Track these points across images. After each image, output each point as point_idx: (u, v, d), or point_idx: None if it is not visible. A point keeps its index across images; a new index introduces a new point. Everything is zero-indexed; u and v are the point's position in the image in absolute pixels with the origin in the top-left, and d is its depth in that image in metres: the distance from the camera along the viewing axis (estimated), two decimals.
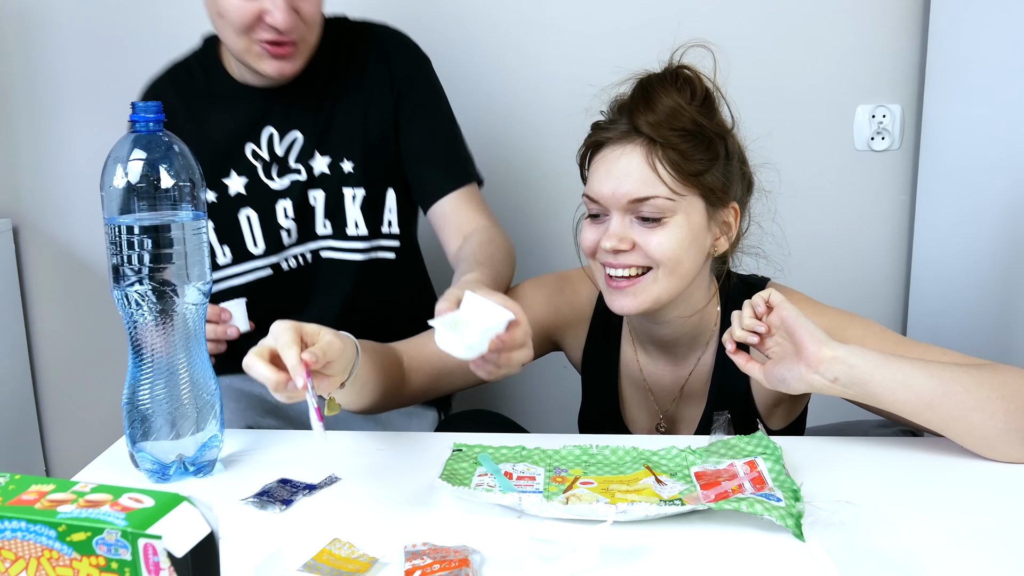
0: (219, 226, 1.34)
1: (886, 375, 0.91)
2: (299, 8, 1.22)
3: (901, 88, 1.78)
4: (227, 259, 1.36)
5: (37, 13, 1.78)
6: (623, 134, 1.03)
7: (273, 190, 1.33)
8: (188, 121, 1.32)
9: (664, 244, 1.02)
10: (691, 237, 1.03)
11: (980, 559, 0.77)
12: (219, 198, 1.33)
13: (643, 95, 1.03)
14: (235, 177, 1.33)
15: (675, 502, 0.86)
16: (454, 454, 0.99)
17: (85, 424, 1.92)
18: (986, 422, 0.92)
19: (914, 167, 1.80)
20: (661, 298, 1.05)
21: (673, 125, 1.01)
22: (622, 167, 1.02)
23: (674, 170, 1.01)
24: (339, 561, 0.77)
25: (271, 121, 1.33)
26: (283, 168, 1.33)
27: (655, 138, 1.01)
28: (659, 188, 1.01)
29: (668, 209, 1.02)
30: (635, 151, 1.02)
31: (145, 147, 0.93)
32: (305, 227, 1.35)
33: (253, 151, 1.33)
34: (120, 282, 0.93)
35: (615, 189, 1.02)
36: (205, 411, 0.97)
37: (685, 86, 1.04)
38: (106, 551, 0.56)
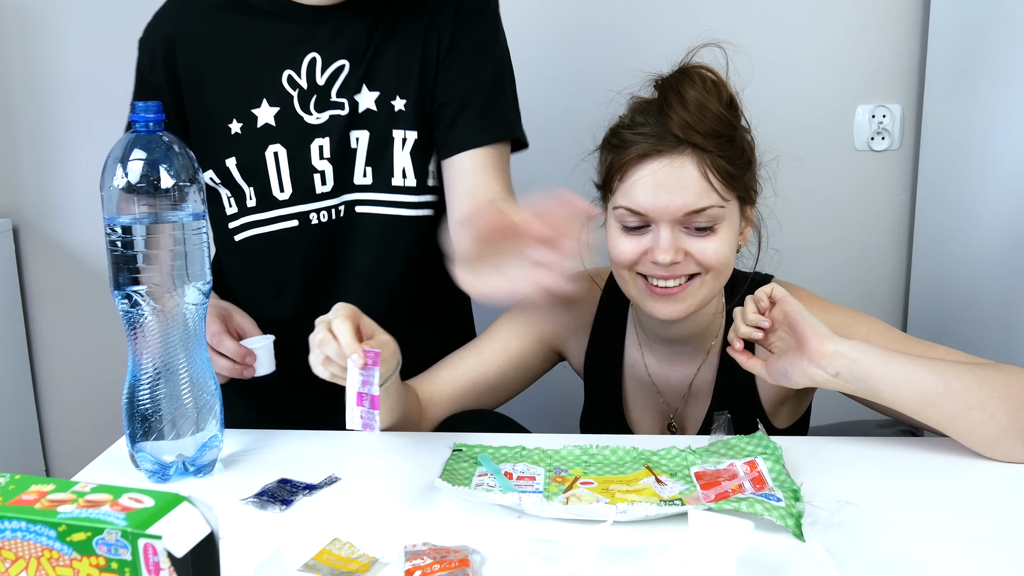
0: (243, 163, 1.17)
1: (888, 371, 0.92)
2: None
3: (901, 88, 1.78)
4: (253, 203, 1.18)
5: (38, 13, 1.78)
6: (670, 145, 1.01)
7: (309, 124, 1.15)
8: (214, 40, 1.16)
9: (719, 251, 1.03)
10: (734, 238, 1.06)
11: (980, 559, 0.77)
12: (244, 129, 1.16)
13: (680, 102, 1.02)
14: (266, 106, 1.15)
15: (675, 502, 0.86)
16: (454, 454, 0.99)
17: (85, 424, 1.92)
18: (987, 421, 0.92)
19: (914, 167, 1.80)
20: (706, 300, 1.06)
21: (719, 133, 1.01)
22: (675, 179, 1.00)
23: (724, 177, 1.01)
24: (339, 561, 0.77)
25: (315, 46, 1.14)
26: (322, 101, 1.15)
27: (704, 147, 1.00)
28: (713, 197, 1.01)
29: (720, 216, 1.02)
30: (686, 162, 1.00)
31: (145, 147, 0.93)
32: (342, 173, 1.17)
33: (290, 77, 1.15)
34: (120, 282, 0.93)
35: (669, 202, 1.00)
36: (205, 411, 0.97)
37: (714, 88, 1.04)
38: (106, 551, 0.56)
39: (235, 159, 1.17)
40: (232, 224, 1.22)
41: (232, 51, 1.16)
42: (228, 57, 1.16)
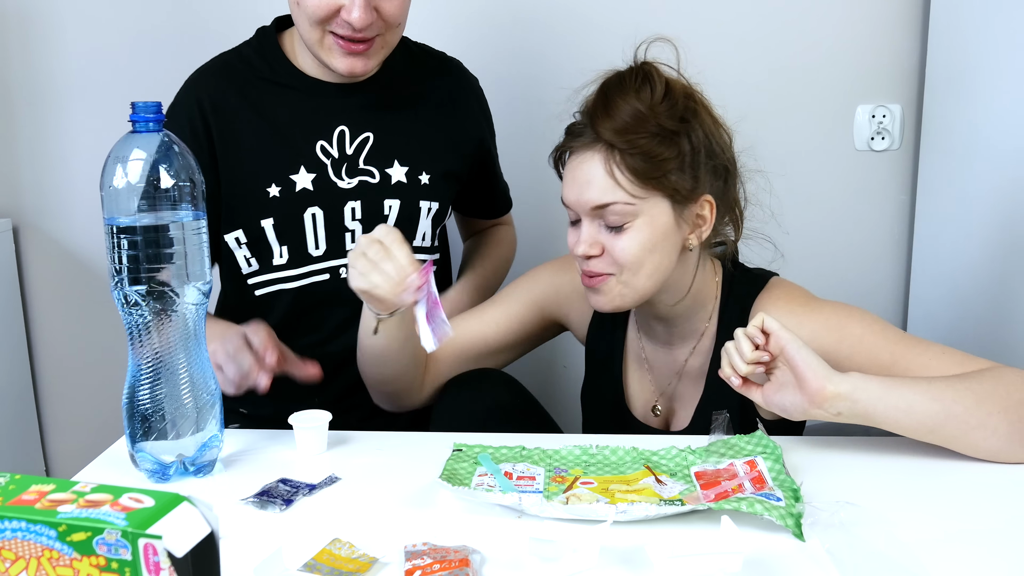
0: (280, 224, 1.27)
1: (888, 404, 0.92)
2: (380, 7, 1.17)
3: (901, 88, 1.78)
4: (283, 260, 1.28)
5: (37, 13, 1.78)
6: (587, 142, 1.04)
7: (341, 189, 1.28)
8: (249, 111, 1.27)
9: (627, 249, 1.04)
10: (656, 238, 1.04)
11: (980, 559, 0.77)
12: (282, 193, 1.26)
13: (602, 101, 1.04)
14: (303, 173, 1.27)
15: (675, 502, 0.86)
16: (454, 454, 0.99)
17: (85, 424, 1.92)
18: (989, 438, 0.93)
19: (914, 167, 1.80)
20: (632, 297, 1.07)
21: (632, 130, 1.02)
22: (583, 174, 1.04)
23: (632, 175, 1.02)
24: (339, 561, 0.77)
25: (344, 119, 1.28)
26: (352, 168, 1.28)
27: (615, 144, 1.02)
28: (618, 194, 1.02)
29: (629, 213, 1.03)
30: (594, 158, 1.03)
31: (145, 147, 0.93)
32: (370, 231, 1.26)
33: (323, 147, 1.27)
34: (120, 282, 0.93)
35: (578, 196, 1.05)
36: (205, 411, 0.97)
37: (644, 85, 1.04)
38: (106, 551, 0.56)
39: (272, 220, 1.27)
40: (252, 280, 1.31)
41: (269, 122, 1.27)
42: (266, 127, 1.27)
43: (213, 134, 1.27)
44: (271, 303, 1.31)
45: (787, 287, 1.13)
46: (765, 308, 1.09)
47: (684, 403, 1.18)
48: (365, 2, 1.15)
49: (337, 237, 1.29)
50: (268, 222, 1.26)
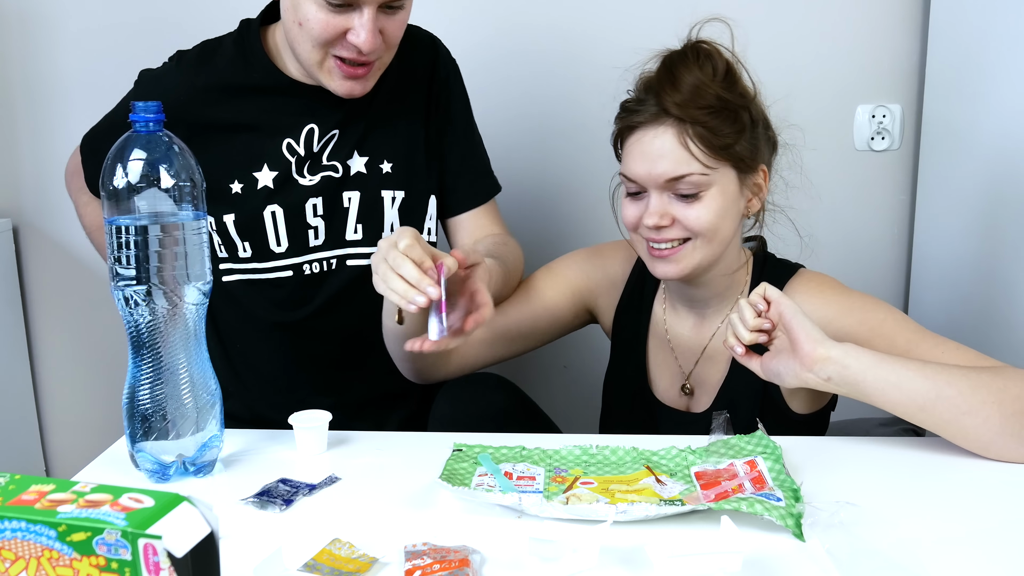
0: (241, 221, 1.26)
1: (879, 376, 0.93)
2: (384, 29, 1.16)
3: (901, 88, 1.78)
4: (247, 253, 1.28)
5: (37, 12, 1.78)
6: (653, 116, 1.07)
7: (303, 186, 1.26)
8: (221, 106, 1.25)
9: (703, 217, 1.07)
10: (726, 206, 1.08)
11: (980, 559, 0.77)
12: (244, 190, 1.25)
13: (668, 75, 1.08)
14: (266, 171, 1.25)
15: (675, 502, 0.86)
16: (454, 454, 0.99)
17: (85, 424, 1.92)
18: (980, 426, 0.93)
19: (914, 167, 1.80)
20: (702, 264, 1.10)
21: (699, 103, 1.05)
22: (656, 148, 1.07)
23: (705, 146, 1.05)
24: (339, 561, 0.77)
25: (314, 118, 1.26)
26: (316, 165, 1.26)
27: (683, 118, 1.05)
28: (693, 165, 1.06)
29: (703, 183, 1.06)
30: (666, 132, 1.06)
31: (145, 147, 0.93)
32: (334, 230, 1.28)
33: (289, 145, 1.26)
34: (120, 282, 0.93)
35: (651, 170, 1.07)
36: (205, 411, 0.97)
37: (706, 62, 1.09)
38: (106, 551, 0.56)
39: (234, 216, 1.26)
40: (221, 266, 1.29)
41: (239, 119, 1.26)
42: (233, 130, 1.25)
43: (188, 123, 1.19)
44: (240, 290, 1.29)
45: (818, 275, 1.17)
46: (795, 290, 1.12)
47: (707, 383, 1.20)
48: (373, 25, 1.13)
49: (300, 235, 1.27)
50: (230, 217, 1.25)
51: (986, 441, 0.93)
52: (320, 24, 1.13)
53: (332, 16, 1.13)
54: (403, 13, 1.19)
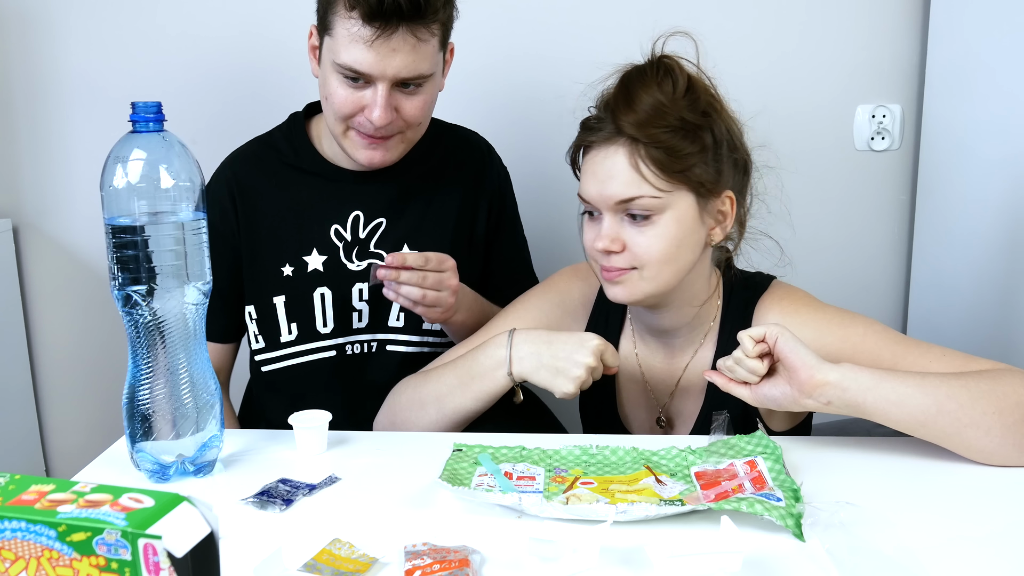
0: (291, 302, 1.33)
1: (879, 396, 0.93)
2: (401, 107, 1.22)
3: (901, 88, 1.78)
4: (291, 336, 1.34)
5: (37, 12, 1.78)
6: (608, 135, 1.02)
7: (350, 271, 1.33)
8: (273, 194, 1.33)
9: (653, 246, 1.03)
10: (682, 233, 1.03)
11: (980, 560, 0.77)
12: (295, 273, 1.32)
13: (624, 94, 1.03)
14: (315, 255, 1.33)
15: (675, 502, 0.86)
16: (454, 454, 0.99)
17: (85, 424, 1.92)
18: (981, 438, 0.93)
19: (914, 167, 1.80)
20: (653, 292, 1.06)
21: (656, 123, 1.00)
22: (606, 169, 1.02)
23: (658, 169, 1.00)
24: (339, 561, 0.77)
25: (359, 205, 1.33)
26: (363, 251, 1.34)
27: (638, 137, 1.00)
28: (644, 188, 1.01)
29: (656, 207, 1.02)
30: (618, 152, 1.02)
31: (145, 147, 0.93)
32: (378, 314, 1.35)
33: (336, 231, 1.33)
34: (120, 282, 0.93)
35: (601, 191, 1.03)
36: (205, 411, 0.97)
37: (666, 78, 1.03)
38: (106, 551, 0.56)
39: (284, 297, 1.33)
40: (259, 357, 1.36)
41: (289, 205, 1.33)
42: (286, 209, 1.33)
43: (239, 214, 1.33)
44: (276, 380, 1.36)
45: (788, 289, 1.12)
46: (767, 310, 1.09)
47: (683, 414, 1.17)
48: (385, 103, 1.19)
49: (345, 316, 1.34)
50: (280, 299, 1.33)
51: (989, 451, 0.93)
52: (340, 98, 1.21)
53: (351, 91, 1.20)
54: (422, 94, 1.23)
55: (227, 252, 1.32)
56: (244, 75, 1.77)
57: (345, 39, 1.16)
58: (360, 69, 1.17)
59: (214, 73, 1.78)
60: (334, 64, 1.19)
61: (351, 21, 1.15)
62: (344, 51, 1.17)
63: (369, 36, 1.15)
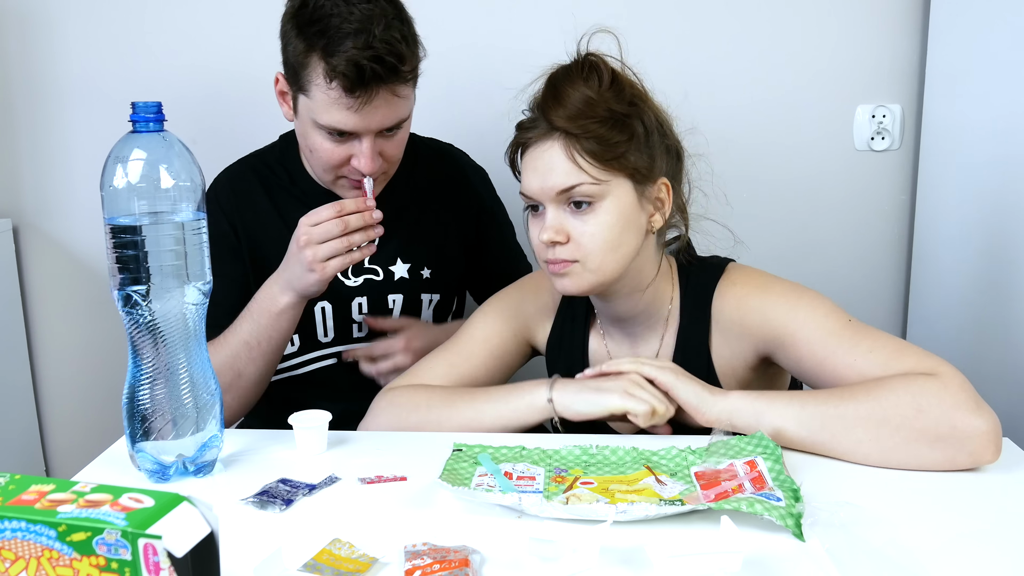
0: None
1: (763, 425, 0.99)
2: (383, 150, 1.26)
3: (901, 88, 1.78)
4: (294, 348, 1.39)
5: (37, 12, 1.78)
6: (542, 133, 1.06)
7: (348, 287, 1.38)
8: (271, 212, 1.37)
9: (596, 234, 1.06)
10: (623, 220, 1.07)
11: (980, 560, 0.77)
12: None
13: (552, 92, 1.07)
14: None
15: (675, 502, 0.86)
16: (454, 454, 0.99)
17: (85, 424, 1.92)
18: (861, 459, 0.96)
19: (914, 167, 1.80)
20: (599, 282, 1.08)
21: (586, 115, 1.04)
22: (545, 163, 1.06)
23: (593, 158, 1.04)
24: (339, 561, 0.77)
25: None
26: (358, 268, 1.37)
27: (571, 131, 1.04)
28: (582, 176, 1.04)
29: (596, 194, 1.05)
30: (554, 146, 1.05)
31: (145, 147, 0.93)
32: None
33: None
34: (120, 282, 0.93)
35: (542, 184, 1.06)
36: (205, 411, 0.97)
37: (591, 74, 1.07)
38: (106, 551, 0.56)
39: None
40: None
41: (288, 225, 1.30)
42: (284, 229, 1.32)
43: (238, 228, 1.36)
44: (278, 389, 1.39)
45: (742, 272, 1.14)
46: (722, 296, 1.12)
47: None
48: (372, 151, 1.24)
49: (344, 328, 1.39)
50: None
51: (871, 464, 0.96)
52: (326, 152, 1.25)
53: (336, 145, 1.24)
54: (401, 133, 1.28)
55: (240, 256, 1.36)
56: (244, 75, 1.77)
57: (325, 103, 1.19)
58: (344, 129, 1.21)
59: (214, 73, 1.78)
60: (315, 123, 1.22)
61: (331, 91, 1.18)
62: (325, 114, 1.20)
63: (351, 103, 1.18)
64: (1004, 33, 1.49)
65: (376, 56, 1.15)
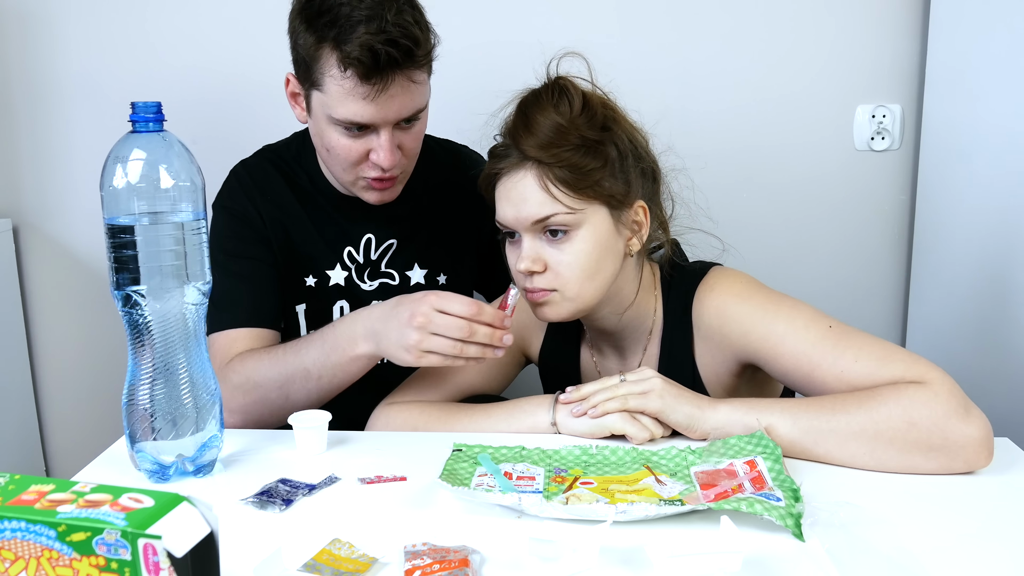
0: (311, 313, 1.35)
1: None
2: (402, 144, 1.23)
3: (901, 88, 1.78)
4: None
5: (38, 12, 1.78)
6: (515, 161, 1.05)
7: (364, 290, 1.36)
8: (295, 205, 1.34)
9: (574, 263, 1.05)
10: (600, 247, 1.06)
11: (980, 560, 0.77)
12: (317, 284, 1.34)
13: (523, 120, 1.06)
14: (338, 270, 1.35)
15: (675, 502, 0.86)
16: (454, 454, 0.99)
17: (85, 424, 1.92)
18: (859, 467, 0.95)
19: (914, 167, 1.80)
20: (577, 309, 1.08)
21: (557, 143, 1.03)
22: (519, 193, 1.05)
23: (566, 187, 1.03)
24: (339, 561, 0.77)
25: (371, 228, 1.36)
26: (375, 272, 1.37)
27: (543, 160, 1.03)
28: (557, 206, 1.03)
29: (571, 223, 1.04)
30: (526, 176, 1.04)
31: (145, 147, 0.92)
32: None
33: (350, 253, 1.35)
34: (120, 282, 0.93)
35: (516, 214, 1.05)
36: (205, 411, 0.97)
37: (561, 99, 1.06)
38: (106, 551, 0.56)
39: (305, 306, 1.35)
40: None
41: (311, 221, 1.35)
42: (308, 223, 1.34)
43: (264, 214, 1.33)
44: None
45: (721, 277, 1.12)
46: (700, 302, 1.10)
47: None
48: (391, 144, 1.20)
49: None
50: (301, 307, 1.35)
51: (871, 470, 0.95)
52: (344, 149, 1.21)
53: (353, 141, 1.21)
54: (419, 125, 1.25)
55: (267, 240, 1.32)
56: (244, 76, 1.77)
57: (340, 95, 1.16)
58: (361, 121, 1.17)
59: (214, 73, 1.78)
60: (331, 118, 1.19)
61: (346, 80, 1.14)
62: (341, 107, 1.17)
63: (367, 92, 1.14)
64: (1004, 33, 1.49)
65: (390, 40, 1.11)
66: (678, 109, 1.76)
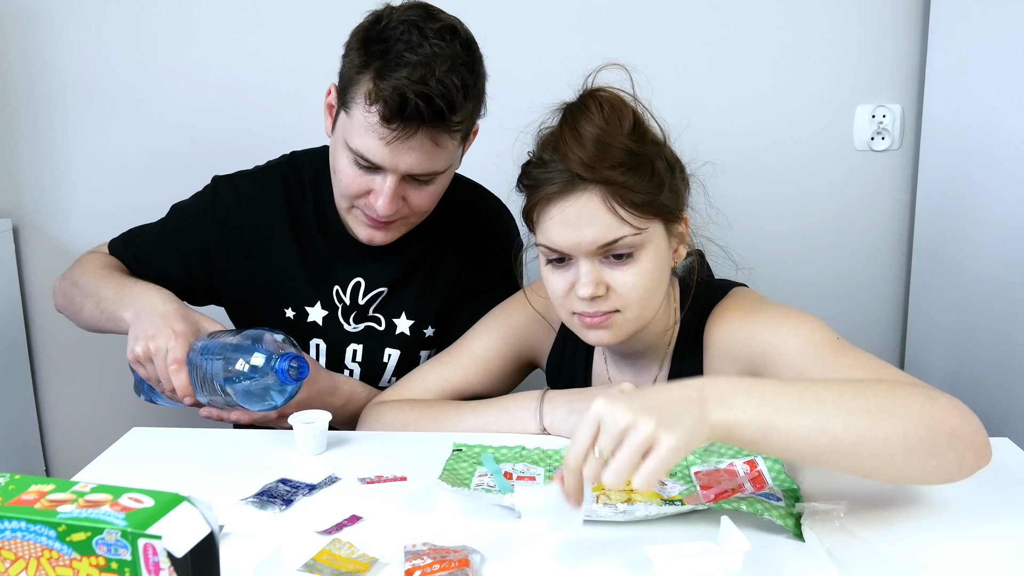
0: None
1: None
2: (408, 197, 1.19)
3: (901, 88, 1.78)
4: None
5: (38, 12, 1.78)
6: (568, 182, 0.97)
7: (347, 331, 1.32)
8: (288, 233, 1.32)
9: (638, 283, 1.00)
10: (661, 264, 1.02)
11: (980, 560, 0.77)
12: (295, 319, 1.32)
13: (574, 136, 0.98)
14: (318, 308, 1.32)
15: (675, 502, 0.86)
16: (454, 454, 0.99)
17: (85, 424, 1.92)
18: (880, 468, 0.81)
19: (914, 167, 1.80)
20: (637, 329, 1.04)
21: (612, 161, 0.97)
22: (580, 216, 0.97)
23: (633, 208, 0.97)
24: (339, 561, 0.77)
25: (362, 273, 1.32)
26: (361, 315, 1.32)
27: (611, 180, 0.97)
28: (625, 229, 0.98)
29: (637, 243, 0.99)
30: (590, 198, 0.97)
31: None
32: (370, 377, 1.33)
33: (337, 292, 1.32)
34: None
35: (579, 239, 0.98)
36: None
37: (612, 114, 1.00)
38: (106, 551, 0.56)
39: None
40: None
41: (302, 253, 1.32)
42: (297, 254, 1.32)
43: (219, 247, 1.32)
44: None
45: (739, 298, 1.09)
46: (712, 324, 1.07)
47: None
48: (392, 194, 1.16)
49: (336, 370, 1.31)
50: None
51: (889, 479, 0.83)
52: (348, 178, 1.18)
53: (359, 173, 1.17)
54: (433, 185, 1.20)
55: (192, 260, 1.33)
56: (244, 76, 1.77)
57: (361, 126, 1.12)
58: (371, 160, 1.13)
59: (214, 73, 1.78)
60: (346, 143, 1.15)
61: (370, 115, 1.10)
62: (358, 137, 1.13)
63: (386, 135, 1.10)
64: (1004, 33, 1.49)
65: (425, 94, 1.07)
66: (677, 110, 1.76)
